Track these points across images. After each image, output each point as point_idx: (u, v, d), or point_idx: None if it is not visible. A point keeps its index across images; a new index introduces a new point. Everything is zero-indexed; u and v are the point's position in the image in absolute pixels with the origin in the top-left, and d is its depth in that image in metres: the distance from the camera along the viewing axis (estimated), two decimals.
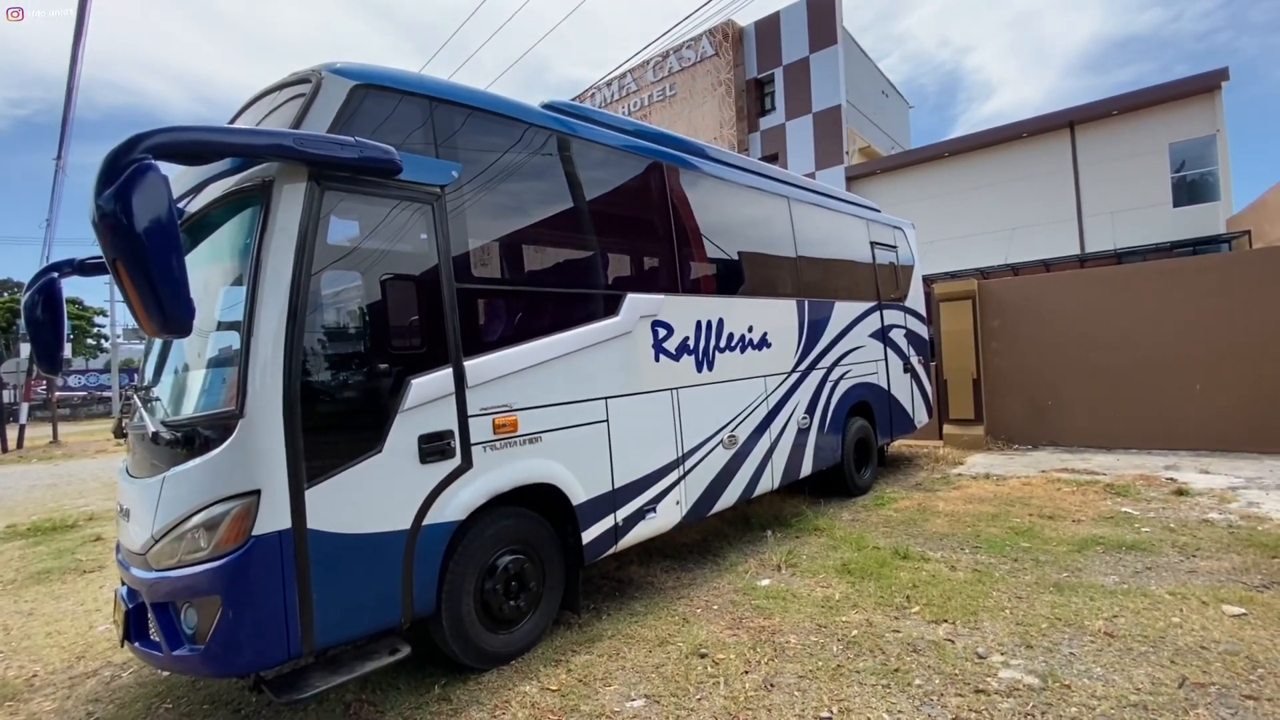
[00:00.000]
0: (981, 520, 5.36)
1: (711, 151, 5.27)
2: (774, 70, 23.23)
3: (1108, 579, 3.94)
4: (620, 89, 26.49)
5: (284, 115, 2.91)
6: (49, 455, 15.68)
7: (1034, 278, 10.33)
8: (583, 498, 3.65)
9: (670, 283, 4.44)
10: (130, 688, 3.37)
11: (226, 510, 2.45)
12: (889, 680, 2.90)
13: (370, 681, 3.15)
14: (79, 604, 4.68)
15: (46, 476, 11.90)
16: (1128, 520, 5.15)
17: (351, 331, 2.95)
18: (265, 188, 2.63)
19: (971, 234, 18.42)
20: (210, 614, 2.45)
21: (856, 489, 6.50)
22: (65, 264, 3.72)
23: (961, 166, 19.08)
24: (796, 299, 5.68)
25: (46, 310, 3.54)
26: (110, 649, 3.83)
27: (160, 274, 2.11)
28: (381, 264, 2.95)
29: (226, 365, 2.72)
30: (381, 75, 3.05)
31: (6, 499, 9.47)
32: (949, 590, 3.87)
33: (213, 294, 2.91)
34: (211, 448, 2.51)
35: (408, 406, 2.90)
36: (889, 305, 7.27)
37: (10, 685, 3.44)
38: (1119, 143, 16.65)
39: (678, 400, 4.34)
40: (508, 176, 3.56)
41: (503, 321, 3.50)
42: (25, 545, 6.46)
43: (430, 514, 2.96)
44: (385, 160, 2.80)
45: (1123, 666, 2.89)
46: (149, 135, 2.18)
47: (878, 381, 6.95)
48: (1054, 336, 8.64)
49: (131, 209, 2.04)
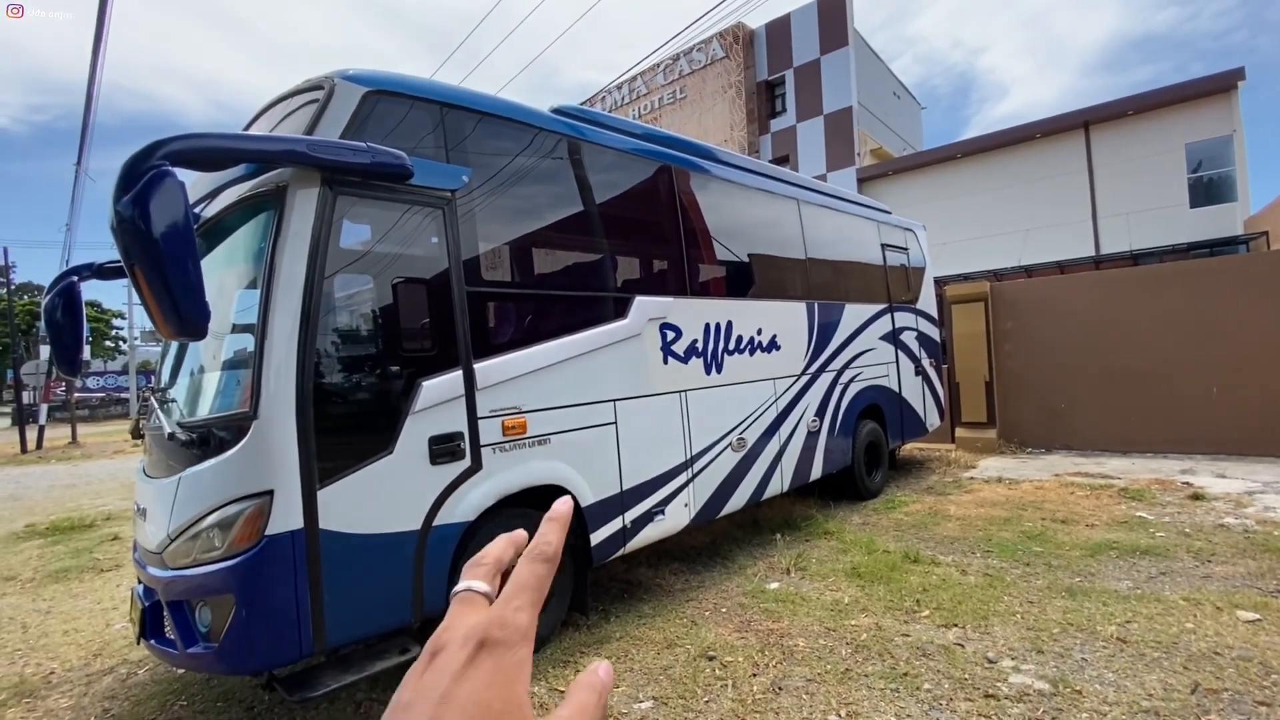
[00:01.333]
0: (993, 524, 5.32)
1: (721, 154, 5.28)
2: (785, 72, 23.18)
3: (1121, 584, 3.90)
4: (630, 92, 26.55)
5: (298, 121, 2.96)
6: (68, 456, 15.93)
7: (1048, 279, 10.22)
8: (591, 499, 3.67)
9: (679, 285, 4.45)
10: (145, 685, 3.42)
11: (240, 510, 2.49)
12: (898, 684, 2.89)
13: (380, 681, 3.17)
14: (96, 602, 4.75)
15: (65, 477, 12.09)
16: (1142, 525, 5.09)
17: (363, 334, 2.99)
18: (279, 193, 2.68)
19: (984, 236, 18.26)
20: (224, 612, 2.49)
21: (867, 492, 6.47)
22: (85, 268, 3.79)
23: (974, 168, 18.94)
24: (806, 301, 5.67)
25: (66, 313, 3.60)
26: (126, 647, 3.89)
27: (177, 278, 2.15)
28: (393, 267, 2.98)
29: (241, 367, 2.77)
30: (393, 81, 3.09)
31: (26, 499, 9.63)
32: (960, 594, 3.84)
33: (228, 297, 2.96)
34: (226, 448, 2.55)
35: (419, 408, 2.93)
36: (900, 307, 7.24)
37: (28, 682, 3.51)
38: (1135, 143, 16.45)
39: (686, 402, 4.35)
40: (517, 181, 3.59)
41: (512, 324, 3.53)
42: (44, 544, 6.57)
43: (440, 515, 2.99)
44: (397, 165, 2.83)
45: (1135, 672, 2.86)
46: (166, 142, 2.22)
47: (889, 384, 6.91)
48: (1068, 339, 8.56)
49: (149, 214, 2.08)
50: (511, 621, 0.36)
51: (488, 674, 0.34)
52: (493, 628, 0.36)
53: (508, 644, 0.35)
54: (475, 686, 0.33)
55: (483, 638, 0.35)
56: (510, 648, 0.35)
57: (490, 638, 0.35)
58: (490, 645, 0.35)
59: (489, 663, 0.34)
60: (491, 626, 0.36)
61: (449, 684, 0.33)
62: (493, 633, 0.36)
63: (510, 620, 0.36)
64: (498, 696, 0.33)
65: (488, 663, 0.34)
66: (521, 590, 0.38)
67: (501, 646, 0.35)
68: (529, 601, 0.38)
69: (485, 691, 0.33)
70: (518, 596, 0.38)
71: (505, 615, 0.37)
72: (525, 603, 0.38)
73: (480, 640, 0.35)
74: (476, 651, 0.35)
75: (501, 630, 0.36)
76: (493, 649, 0.35)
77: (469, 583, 0.41)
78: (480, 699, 0.33)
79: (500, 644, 0.35)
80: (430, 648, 0.37)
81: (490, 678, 0.34)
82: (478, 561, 0.43)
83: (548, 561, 0.40)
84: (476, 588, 0.40)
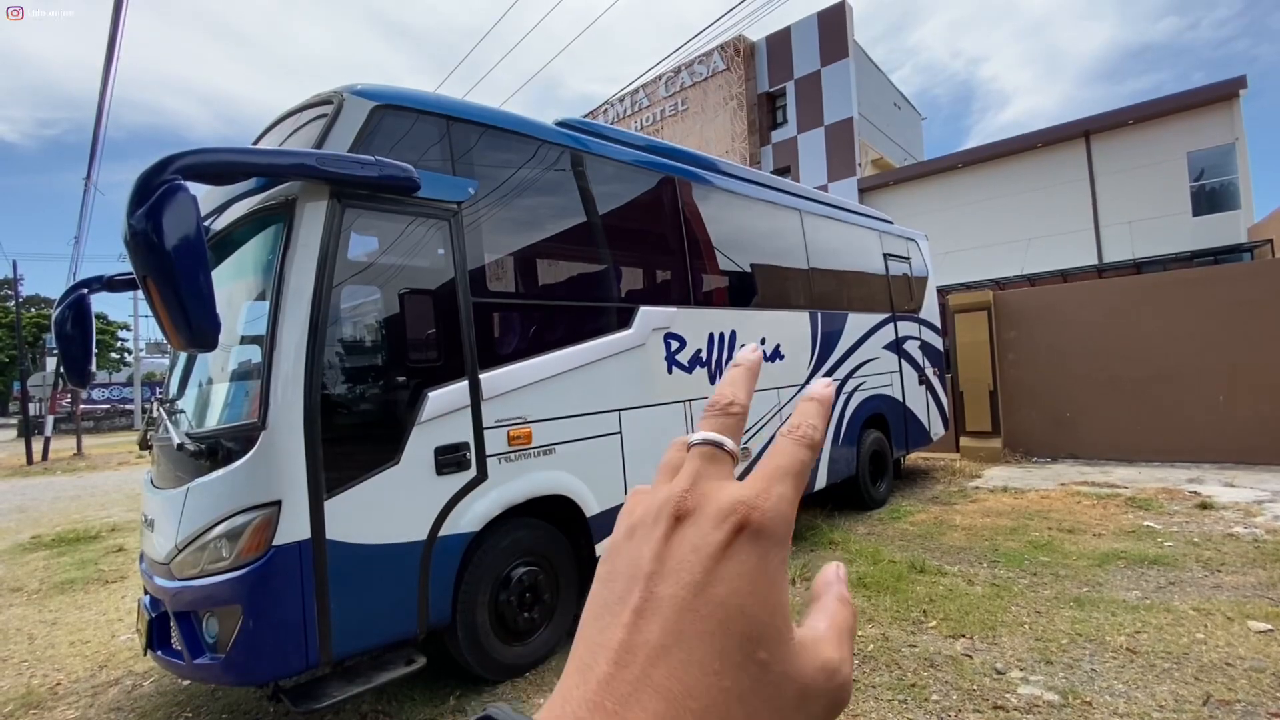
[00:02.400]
0: (999, 534, 5.29)
1: (723, 165, 5.32)
2: (785, 84, 23.33)
3: (1130, 594, 3.87)
4: (633, 104, 26.74)
5: (306, 135, 3.00)
6: (73, 467, 15.98)
7: (1052, 287, 10.23)
8: (596, 509, 3.67)
9: (683, 295, 4.47)
10: (151, 696, 3.42)
11: (248, 520, 2.50)
12: (905, 695, 2.87)
13: (386, 692, 3.17)
14: (101, 613, 4.76)
15: (70, 488, 12.12)
16: (1150, 534, 5.06)
17: (370, 345, 3.01)
18: (288, 206, 2.71)
19: (986, 245, 18.28)
20: (231, 623, 2.49)
21: (872, 502, 6.45)
22: (95, 280, 3.83)
23: (976, 177, 19.00)
24: (809, 311, 5.68)
25: (76, 325, 3.63)
26: (132, 658, 3.89)
27: (189, 290, 2.18)
28: (400, 279, 3.01)
29: (249, 378, 2.79)
30: (400, 95, 3.13)
31: (32, 510, 9.65)
32: (967, 604, 3.82)
33: (236, 309, 2.99)
34: (234, 459, 2.57)
35: (424, 419, 2.95)
36: (903, 317, 7.24)
37: (35, 693, 3.51)
38: (1136, 152, 16.48)
39: (691, 412, 4.36)
40: (522, 192, 3.62)
41: (517, 335, 3.55)
42: (49, 555, 6.59)
43: (446, 525, 2.99)
44: (404, 178, 2.87)
45: (1145, 683, 2.84)
46: (179, 157, 2.26)
47: (892, 394, 6.91)
48: (1073, 347, 8.54)
49: (162, 227, 2.11)
50: (776, 509, 0.29)
51: (750, 569, 0.27)
52: (757, 512, 0.29)
53: (774, 536, 0.29)
54: (736, 584, 0.27)
55: (743, 519, 0.28)
56: (777, 541, 0.29)
57: (753, 522, 0.28)
58: (753, 531, 0.28)
59: (751, 554, 0.28)
60: (756, 509, 0.29)
61: (703, 570, 0.27)
62: (756, 518, 0.29)
63: (776, 507, 0.29)
64: (760, 601, 0.27)
65: (749, 553, 0.28)
66: (785, 475, 0.31)
67: (766, 537, 0.28)
68: (793, 490, 0.31)
69: (747, 592, 0.27)
70: (782, 481, 0.30)
71: (770, 499, 0.29)
72: (789, 491, 0.30)
73: (740, 522, 0.28)
74: (735, 535, 0.28)
75: (767, 517, 0.29)
76: (756, 538, 0.28)
77: (710, 434, 0.33)
78: (742, 602, 0.27)
79: (765, 533, 0.28)
80: (670, 506, 0.30)
81: (753, 575, 0.27)
82: (722, 409, 0.35)
83: (812, 449, 0.32)
84: (725, 445, 0.33)
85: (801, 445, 0.32)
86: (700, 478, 0.31)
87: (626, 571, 0.29)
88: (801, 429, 0.33)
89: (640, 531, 0.31)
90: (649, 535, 0.30)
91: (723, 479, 0.31)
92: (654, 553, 0.29)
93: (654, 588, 0.27)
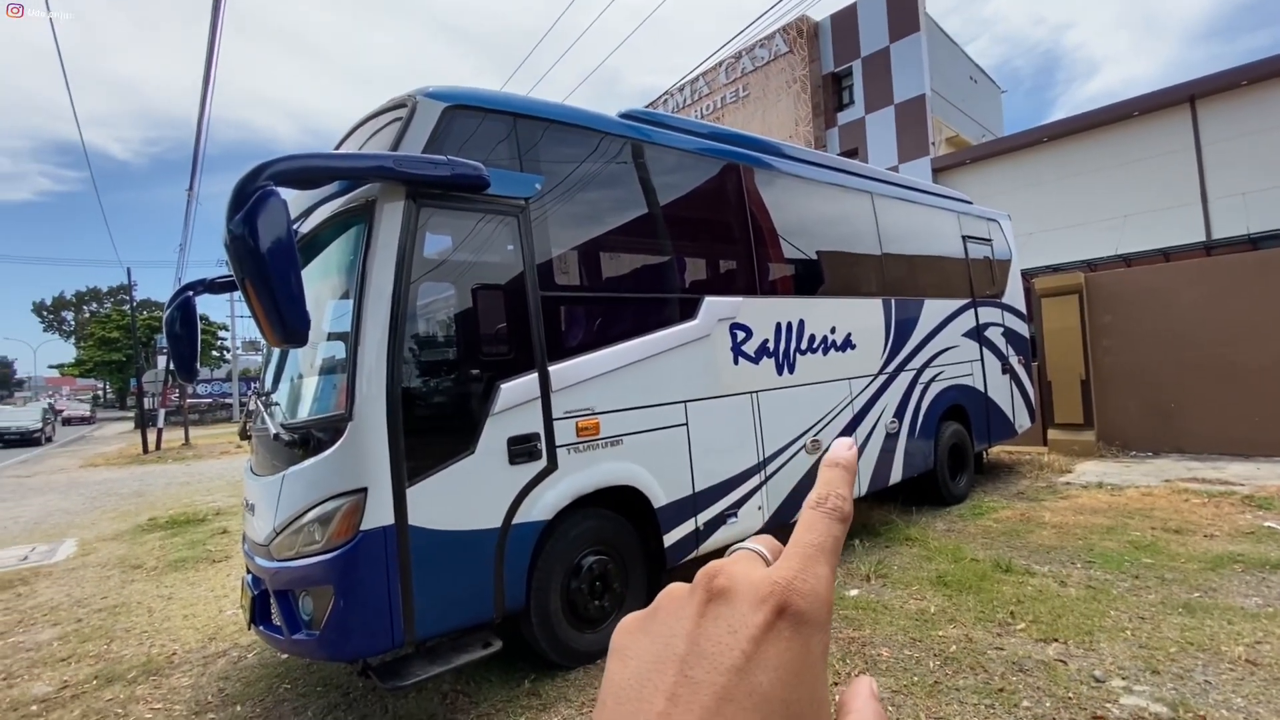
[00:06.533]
0: (1094, 533, 4.94)
1: (788, 149, 5.18)
2: (852, 63, 22.48)
3: (1249, 600, 3.53)
4: (693, 93, 26.47)
5: (384, 138, 3.12)
6: (182, 456, 17.44)
7: (1153, 268, 9.40)
8: (663, 500, 3.67)
9: (748, 284, 4.39)
10: (254, 668, 3.69)
11: (338, 506, 2.64)
12: (993, 700, 2.73)
13: (465, 673, 3.29)
14: (210, 590, 5.17)
15: (180, 475, 13.24)
16: (1271, 536, 4.59)
17: (445, 339, 3.12)
18: (369, 207, 2.84)
19: (1075, 224, 17.03)
20: (324, 602, 2.65)
21: (951, 497, 6.16)
22: (198, 283, 4.14)
23: (1062, 152, 17.70)
24: (882, 298, 5.47)
25: (184, 325, 3.93)
26: (237, 631, 4.21)
27: (281, 289, 2.31)
28: (472, 275, 3.10)
29: (336, 372, 2.94)
30: (469, 96, 3.21)
31: (149, 495, 10.61)
32: (1059, 607, 3.59)
33: (323, 307, 3.16)
34: (324, 448, 2.72)
35: (497, 410, 3.03)
36: (984, 302, 6.86)
37: (154, 661, 3.85)
38: (1250, 116, 14.90)
39: (758, 404, 4.28)
40: (587, 185, 3.65)
41: (584, 327, 3.58)
42: (164, 536, 7.22)
43: (519, 513, 3.07)
44: (475, 176, 2.94)
45: (1269, 698, 2.58)
46: (270, 164, 2.40)
47: (973, 383, 6.56)
48: (1178, 332, 7.84)
49: (258, 231, 2.25)
50: (815, 591, 0.28)
51: (793, 658, 0.26)
52: (797, 595, 0.27)
53: (816, 622, 0.27)
54: (779, 674, 0.25)
55: (783, 602, 0.27)
56: (819, 627, 0.27)
57: (793, 605, 0.27)
58: (794, 616, 0.27)
59: (794, 641, 0.26)
60: (794, 592, 0.27)
61: (743, 655, 0.26)
62: (797, 601, 0.27)
63: (815, 590, 0.28)
64: (806, 695, 0.25)
65: (792, 640, 0.26)
66: (821, 553, 0.29)
67: (808, 623, 0.27)
68: (830, 569, 0.29)
69: (793, 684, 0.25)
70: (818, 560, 0.29)
71: (808, 580, 0.28)
72: (826, 570, 0.29)
73: (780, 605, 0.27)
74: (775, 618, 0.27)
75: (807, 601, 0.27)
76: (798, 624, 0.27)
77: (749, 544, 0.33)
78: (786, 695, 0.25)
79: (807, 619, 0.27)
80: (704, 587, 0.28)
81: (798, 664, 0.26)
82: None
83: (844, 522, 0.31)
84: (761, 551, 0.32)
85: (833, 519, 0.31)
86: (734, 563, 0.30)
87: (653, 651, 0.28)
88: (830, 500, 0.32)
89: (666, 610, 0.29)
90: (678, 613, 0.28)
91: (753, 561, 0.31)
92: (686, 632, 0.27)
93: (688, 671, 0.26)
